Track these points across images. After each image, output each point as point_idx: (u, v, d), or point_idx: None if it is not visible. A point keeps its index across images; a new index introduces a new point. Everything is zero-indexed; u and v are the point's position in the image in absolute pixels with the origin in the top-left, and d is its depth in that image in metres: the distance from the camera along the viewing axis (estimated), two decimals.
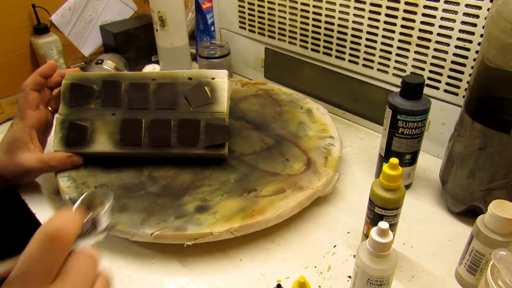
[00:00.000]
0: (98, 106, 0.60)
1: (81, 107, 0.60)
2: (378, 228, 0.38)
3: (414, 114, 0.53)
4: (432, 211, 0.57)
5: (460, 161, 0.52)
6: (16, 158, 0.55)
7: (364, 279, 0.40)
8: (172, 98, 0.60)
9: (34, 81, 0.58)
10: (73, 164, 0.58)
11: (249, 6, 0.84)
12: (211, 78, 0.60)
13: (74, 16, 0.90)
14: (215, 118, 0.58)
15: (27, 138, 0.56)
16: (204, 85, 0.60)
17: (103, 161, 0.60)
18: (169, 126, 0.58)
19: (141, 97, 0.60)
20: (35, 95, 0.58)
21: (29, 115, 0.57)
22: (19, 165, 0.55)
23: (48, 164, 0.56)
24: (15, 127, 0.57)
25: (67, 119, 0.60)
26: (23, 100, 0.57)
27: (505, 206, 0.41)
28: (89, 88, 0.61)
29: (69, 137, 0.59)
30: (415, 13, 0.60)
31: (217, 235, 0.49)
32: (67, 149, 0.58)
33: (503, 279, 0.34)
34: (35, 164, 0.55)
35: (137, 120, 0.59)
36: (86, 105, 0.60)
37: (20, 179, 0.58)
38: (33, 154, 0.56)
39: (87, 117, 0.60)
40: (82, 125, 0.59)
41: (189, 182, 0.57)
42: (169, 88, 0.60)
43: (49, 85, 0.61)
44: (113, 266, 0.50)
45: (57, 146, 0.58)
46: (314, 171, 0.58)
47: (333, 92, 0.78)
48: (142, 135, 0.58)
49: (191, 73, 0.61)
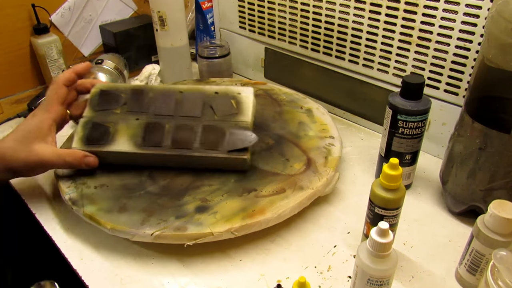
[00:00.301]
0: (123, 111, 0.61)
1: (106, 112, 0.60)
2: (378, 228, 0.38)
3: (414, 114, 0.53)
4: (432, 211, 0.57)
5: (460, 161, 0.52)
6: (32, 147, 0.54)
7: (364, 279, 0.40)
8: (197, 107, 0.60)
9: (68, 77, 0.59)
10: (87, 165, 0.56)
11: (249, 6, 0.84)
12: (237, 93, 0.62)
13: (74, 16, 0.90)
14: (239, 127, 0.58)
15: (47, 130, 0.56)
16: (230, 98, 0.61)
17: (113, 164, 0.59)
18: (192, 131, 0.58)
19: (166, 105, 0.61)
20: (65, 90, 0.59)
21: (55, 109, 0.57)
22: (33, 155, 0.53)
23: (63, 159, 0.55)
24: (38, 117, 0.56)
25: (91, 121, 0.60)
26: (53, 93, 0.58)
27: (505, 206, 0.41)
28: (117, 95, 0.62)
29: (89, 136, 0.58)
30: (415, 13, 0.60)
31: (218, 235, 0.49)
32: (86, 147, 0.57)
33: (503, 279, 0.34)
34: (51, 157, 0.54)
35: (160, 123, 0.59)
36: (112, 110, 0.61)
37: (28, 171, 0.56)
38: (50, 147, 0.55)
39: (111, 120, 0.60)
40: (104, 125, 0.59)
41: (189, 182, 0.57)
42: (195, 98, 0.61)
43: (78, 88, 0.62)
44: (113, 266, 0.50)
45: (76, 144, 0.57)
46: (314, 171, 0.58)
47: (333, 92, 0.78)
48: (164, 137, 0.58)
49: (218, 88, 0.63)
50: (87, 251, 0.52)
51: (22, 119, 0.80)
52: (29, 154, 0.53)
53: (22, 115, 0.80)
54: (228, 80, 0.82)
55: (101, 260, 0.51)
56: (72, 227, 0.56)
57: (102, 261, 0.51)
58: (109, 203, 0.53)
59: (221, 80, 0.82)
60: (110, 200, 0.54)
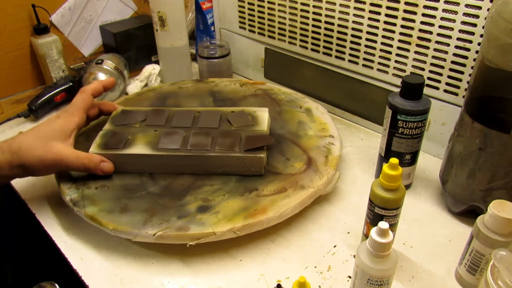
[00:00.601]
0: (142, 125, 0.63)
1: (126, 126, 0.62)
2: (378, 228, 0.39)
3: (414, 114, 0.53)
4: (432, 211, 0.58)
5: (460, 161, 0.52)
6: (51, 145, 0.54)
7: (364, 279, 0.40)
8: (214, 120, 0.62)
9: (95, 88, 0.62)
10: (103, 171, 0.56)
11: (249, 6, 0.84)
12: (253, 111, 0.65)
13: (74, 16, 0.90)
14: (255, 133, 0.60)
15: (69, 133, 0.57)
16: (247, 114, 0.64)
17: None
18: (209, 135, 0.59)
19: (185, 120, 0.63)
20: (91, 100, 0.62)
21: (80, 115, 0.59)
22: (52, 153, 0.54)
23: (81, 161, 0.55)
24: (63, 119, 0.57)
25: (110, 131, 0.61)
26: (80, 100, 0.60)
27: (505, 206, 0.41)
28: (137, 113, 0.65)
29: (107, 141, 0.59)
30: (415, 13, 0.60)
31: (220, 235, 0.49)
32: (103, 151, 0.58)
33: (503, 279, 0.34)
34: (70, 157, 0.54)
35: (178, 132, 0.60)
36: (131, 124, 0.63)
37: (41, 169, 0.55)
38: (70, 148, 0.56)
39: (130, 131, 0.61)
40: (122, 133, 0.60)
41: (191, 182, 0.57)
42: (212, 114, 0.64)
43: (101, 107, 0.65)
44: (113, 266, 0.50)
45: (93, 148, 0.58)
46: (315, 170, 0.58)
47: (333, 92, 0.78)
48: (181, 141, 0.58)
49: (235, 108, 0.66)
50: (87, 251, 0.52)
51: (22, 119, 0.80)
52: (47, 152, 0.54)
53: (22, 115, 0.80)
54: (227, 80, 0.83)
55: (101, 260, 0.51)
56: (72, 227, 0.56)
57: (102, 261, 0.51)
58: (110, 203, 0.53)
59: (220, 80, 0.82)
60: (112, 200, 0.54)
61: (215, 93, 0.78)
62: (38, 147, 0.53)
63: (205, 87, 0.80)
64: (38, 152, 0.53)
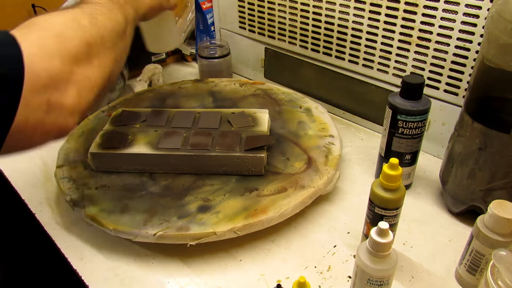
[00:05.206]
0: (142, 126, 0.63)
1: (126, 126, 0.63)
2: (378, 228, 0.39)
3: (414, 114, 0.53)
4: (432, 211, 0.58)
5: (460, 161, 0.52)
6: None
7: (364, 279, 0.40)
8: (215, 121, 0.63)
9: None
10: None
11: (249, 6, 0.84)
12: (253, 113, 0.65)
13: None
14: (255, 134, 0.60)
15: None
16: (247, 115, 0.64)
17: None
18: (210, 136, 0.59)
19: (185, 120, 0.63)
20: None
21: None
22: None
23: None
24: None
25: (110, 130, 0.61)
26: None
27: (505, 206, 0.41)
28: (137, 113, 0.65)
29: (107, 141, 0.59)
30: (415, 13, 0.60)
31: (221, 235, 0.49)
32: (103, 150, 0.58)
33: (503, 279, 0.34)
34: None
35: (178, 132, 0.61)
36: (132, 124, 0.63)
37: (147, 13, 0.59)
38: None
39: (130, 132, 0.61)
40: (123, 133, 0.61)
41: (191, 182, 0.57)
42: (213, 115, 0.64)
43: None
44: (113, 266, 0.50)
45: (93, 148, 0.58)
46: (315, 169, 0.58)
47: (333, 92, 0.78)
48: (181, 141, 0.59)
49: (235, 110, 0.66)
50: (87, 251, 0.52)
51: None
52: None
53: None
54: (227, 80, 0.83)
55: (101, 260, 0.51)
56: (72, 227, 0.56)
57: (102, 261, 0.51)
58: (110, 204, 0.53)
59: (219, 80, 0.82)
60: (112, 200, 0.54)
61: (215, 93, 0.78)
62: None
63: (205, 87, 0.80)
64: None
